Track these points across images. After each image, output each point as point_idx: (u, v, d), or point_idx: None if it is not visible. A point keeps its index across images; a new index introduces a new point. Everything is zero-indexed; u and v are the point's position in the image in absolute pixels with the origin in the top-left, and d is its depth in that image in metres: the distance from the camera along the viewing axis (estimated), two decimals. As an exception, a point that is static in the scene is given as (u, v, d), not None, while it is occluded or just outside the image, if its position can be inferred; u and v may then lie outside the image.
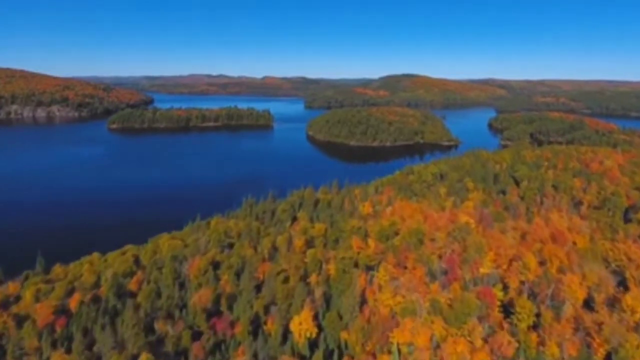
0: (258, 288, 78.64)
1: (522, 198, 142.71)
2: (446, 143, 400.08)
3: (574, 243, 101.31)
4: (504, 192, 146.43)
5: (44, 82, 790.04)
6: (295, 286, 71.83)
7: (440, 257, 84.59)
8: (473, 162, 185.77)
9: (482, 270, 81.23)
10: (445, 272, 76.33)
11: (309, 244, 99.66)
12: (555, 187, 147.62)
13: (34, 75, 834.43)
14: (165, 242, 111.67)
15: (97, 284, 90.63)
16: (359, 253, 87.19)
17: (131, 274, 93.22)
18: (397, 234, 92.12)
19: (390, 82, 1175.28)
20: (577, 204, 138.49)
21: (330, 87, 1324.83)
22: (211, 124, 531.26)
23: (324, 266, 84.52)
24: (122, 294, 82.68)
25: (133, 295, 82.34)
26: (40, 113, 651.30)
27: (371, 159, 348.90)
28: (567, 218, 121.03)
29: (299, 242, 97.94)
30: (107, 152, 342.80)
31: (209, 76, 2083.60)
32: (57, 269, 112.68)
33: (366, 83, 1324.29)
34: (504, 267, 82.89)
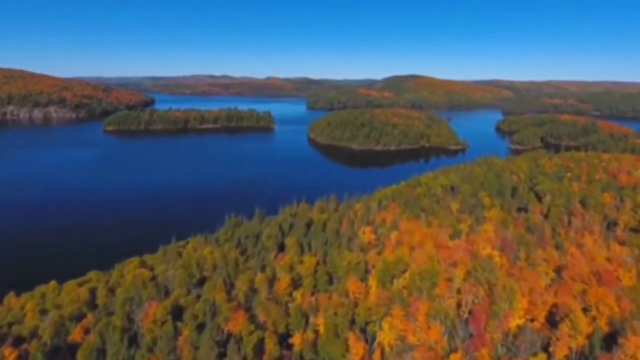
0: (222, 354, 61.53)
1: (545, 216, 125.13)
2: (453, 147, 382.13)
3: (618, 278, 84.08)
4: (525, 210, 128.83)
5: (43, 83, 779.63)
6: (269, 364, 55.07)
7: (459, 305, 67.38)
8: (486, 173, 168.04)
9: (513, 322, 64.14)
10: (469, 334, 59.20)
11: (296, 283, 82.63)
12: (582, 204, 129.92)
13: (32, 76, 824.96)
14: (130, 272, 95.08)
15: (36, 331, 74.04)
16: (356, 302, 70.19)
17: (80, 317, 76.74)
18: (405, 270, 75.19)
19: (394, 83, 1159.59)
20: (611, 224, 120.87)
21: (333, 88, 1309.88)
22: (210, 125, 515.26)
23: (311, 320, 67.78)
24: (58, 348, 66.16)
25: (73, 350, 65.79)
26: (37, 114, 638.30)
27: (374, 164, 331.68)
28: (604, 244, 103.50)
29: (282, 282, 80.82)
30: (96, 155, 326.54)
31: (211, 77, 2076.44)
32: (8, 300, 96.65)
33: (370, 84, 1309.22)
34: (541, 318, 65.70)
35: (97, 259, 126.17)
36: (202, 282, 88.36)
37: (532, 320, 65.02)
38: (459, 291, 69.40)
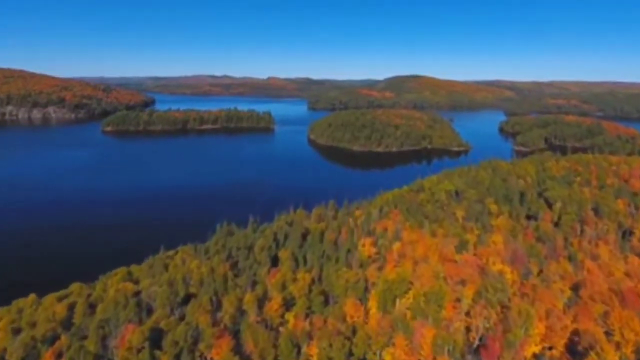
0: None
1: (556, 225, 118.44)
2: (456, 148, 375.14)
3: (639, 296, 77.37)
4: (534, 217, 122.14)
5: (42, 83, 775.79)
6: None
7: (468, 329, 60.84)
8: (492, 177, 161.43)
9: (529, 349, 57.59)
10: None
11: (288, 303, 76.03)
12: (595, 211, 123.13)
13: (32, 76, 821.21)
14: (114, 285, 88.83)
15: (4, 355, 67.79)
16: (354, 327, 63.66)
17: (53, 338, 70.40)
18: (408, 290, 68.67)
19: (396, 83, 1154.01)
20: (626, 233, 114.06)
21: (334, 88, 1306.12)
22: (209, 126, 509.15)
23: (303, 349, 61.29)
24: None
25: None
26: (36, 114, 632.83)
27: (376, 166, 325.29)
28: (621, 256, 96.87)
29: (274, 302, 74.22)
30: (92, 157, 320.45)
31: (213, 77, 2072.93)
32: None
33: (371, 84, 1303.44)
34: (560, 346, 59.11)
35: (85, 265, 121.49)
36: (187, 299, 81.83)
37: (550, 348, 58.51)
38: (468, 314, 62.90)
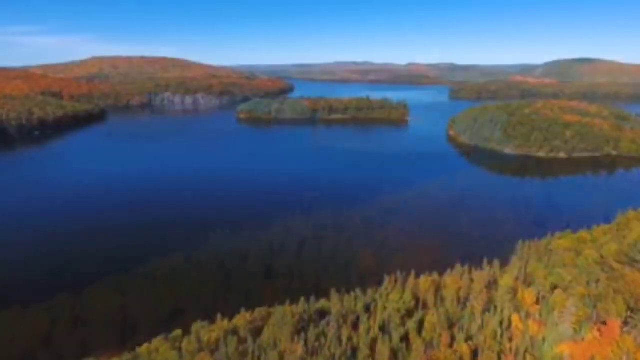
0: None
1: None
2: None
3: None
4: None
5: (195, 71, 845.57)
6: None
7: None
8: None
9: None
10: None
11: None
12: None
13: (188, 65, 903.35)
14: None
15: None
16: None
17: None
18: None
19: (560, 69, 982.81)
20: None
21: (481, 75, 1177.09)
22: (339, 116, 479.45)
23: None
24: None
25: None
26: (188, 100, 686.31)
27: (534, 175, 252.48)
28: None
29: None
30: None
31: (354, 63, 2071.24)
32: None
33: (527, 69, 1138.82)
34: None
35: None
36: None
37: None
38: None
